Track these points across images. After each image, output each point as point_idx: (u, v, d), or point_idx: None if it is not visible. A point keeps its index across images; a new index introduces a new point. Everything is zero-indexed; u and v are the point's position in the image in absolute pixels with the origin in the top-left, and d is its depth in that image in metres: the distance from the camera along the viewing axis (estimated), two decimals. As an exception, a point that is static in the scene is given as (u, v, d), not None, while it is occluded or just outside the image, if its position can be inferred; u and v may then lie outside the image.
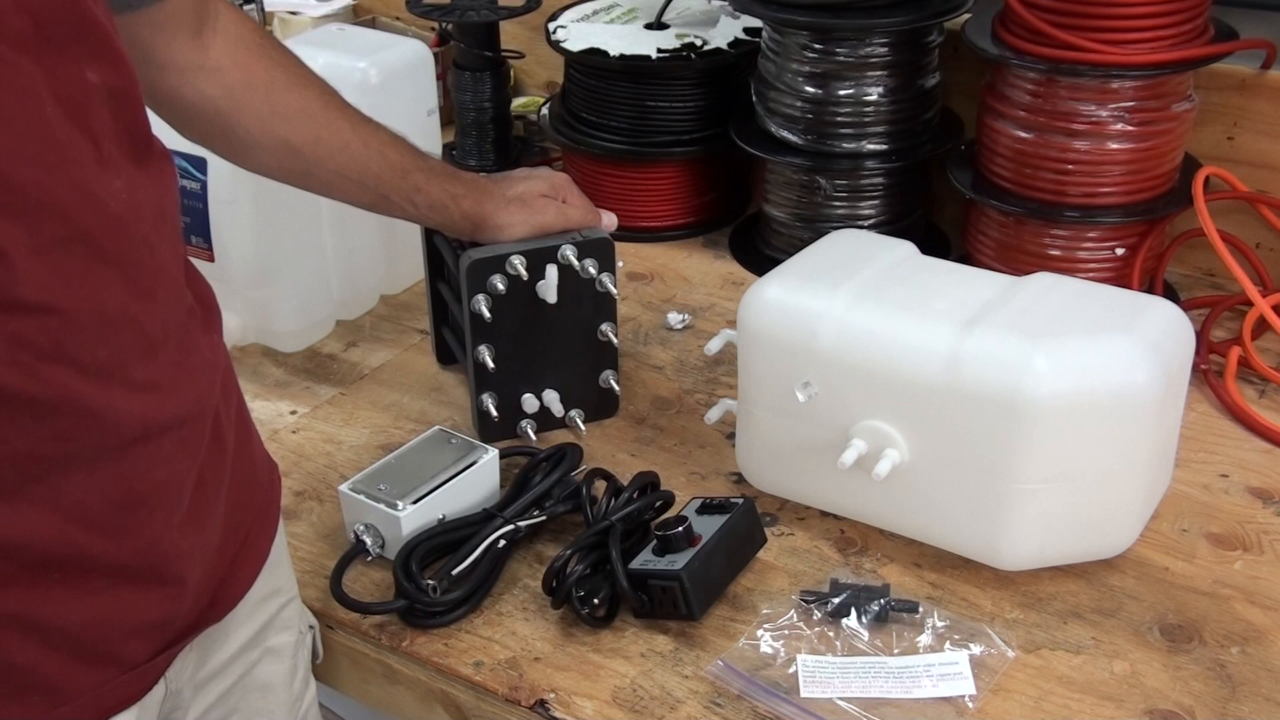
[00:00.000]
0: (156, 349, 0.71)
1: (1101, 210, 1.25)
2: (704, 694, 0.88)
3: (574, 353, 1.14)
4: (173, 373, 0.72)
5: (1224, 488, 1.06)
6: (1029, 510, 0.93)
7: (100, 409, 0.68)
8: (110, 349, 0.68)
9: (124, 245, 0.68)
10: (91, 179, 0.66)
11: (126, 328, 0.69)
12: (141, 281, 0.70)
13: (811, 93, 1.34)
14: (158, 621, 0.75)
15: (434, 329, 1.25)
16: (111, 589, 0.71)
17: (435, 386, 1.23)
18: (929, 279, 1.02)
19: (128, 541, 0.71)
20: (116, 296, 0.68)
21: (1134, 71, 1.18)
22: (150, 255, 0.71)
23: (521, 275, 1.08)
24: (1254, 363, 1.20)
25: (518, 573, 0.99)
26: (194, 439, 0.75)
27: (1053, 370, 0.90)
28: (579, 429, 1.15)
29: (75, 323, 0.65)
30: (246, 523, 0.84)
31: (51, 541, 0.68)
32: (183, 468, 0.74)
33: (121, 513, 0.70)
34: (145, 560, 0.73)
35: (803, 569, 0.99)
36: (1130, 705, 0.87)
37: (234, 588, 0.83)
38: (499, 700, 0.89)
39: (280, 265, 1.24)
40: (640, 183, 1.48)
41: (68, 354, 0.65)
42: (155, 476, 0.71)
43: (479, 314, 1.08)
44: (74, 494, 0.68)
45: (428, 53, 1.36)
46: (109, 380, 0.68)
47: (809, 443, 1.00)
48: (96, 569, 0.70)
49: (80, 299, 0.66)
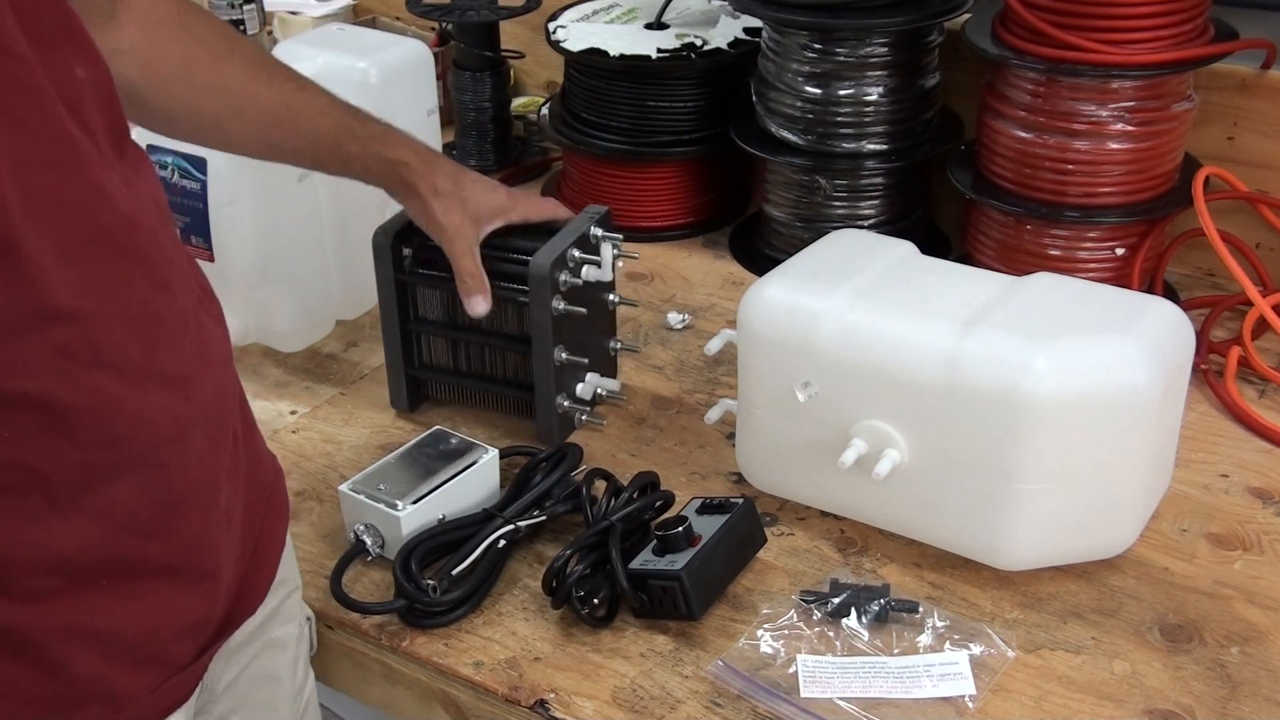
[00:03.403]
0: (179, 342, 0.71)
1: (1101, 210, 1.25)
2: (704, 694, 0.88)
3: (596, 328, 1.15)
4: (197, 365, 0.73)
5: (1224, 488, 1.06)
6: (1029, 510, 0.93)
7: (137, 410, 0.68)
8: (140, 347, 0.68)
9: (137, 240, 0.68)
10: (100, 176, 0.66)
11: (151, 324, 0.69)
12: (157, 275, 0.70)
13: (811, 93, 1.34)
14: (200, 620, 0.76)
15: (402, 375, 1.17)
16: (159, 590, 0.72)
17: (435, 386, 1.23)
18: (929, 279, 1.02)
19: (171, 541, 0.72)
20: (139, 293, 0.68)
21: (1134, 71, 1.18)
22: (159, 248, 0.71)
23: (580, 265, 1.09)
24: (1254, 363, 1.20)
25: (518, 573, 0.99)
26: (220, 434, 0.75)
27: (1053, 370, 0.90)
28: (618, 396, 1.17)
29: (107, 325, 0.66)
30: (261, 515, 0.84)
31: (101, 549, 0.68)
32: (214, 463, 0.74)
33: (164, 514, 0.71)
34: (188, 558, 0.73)
35: (803, 569, 0.99)
36: (1130, 705, 0.87)
37: (258, 581, 0.83)
38: (499, 700, 0.89)
39: (280, 265, 1.24)
40: (640, 183, 1.48)
41: (104, 358, 0.66)
42: (190, 475, 0.72)
43: (561, 315, 1.08)
44: (121, 500, 0.68)
45: (428, 53, 1.36)
46: (143, 380, 0.68)
47: (809, 443, 1.00)
48: (144, 572, 0.71)
49: (108, 300, 0.66)
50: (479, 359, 1.16)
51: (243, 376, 1.23)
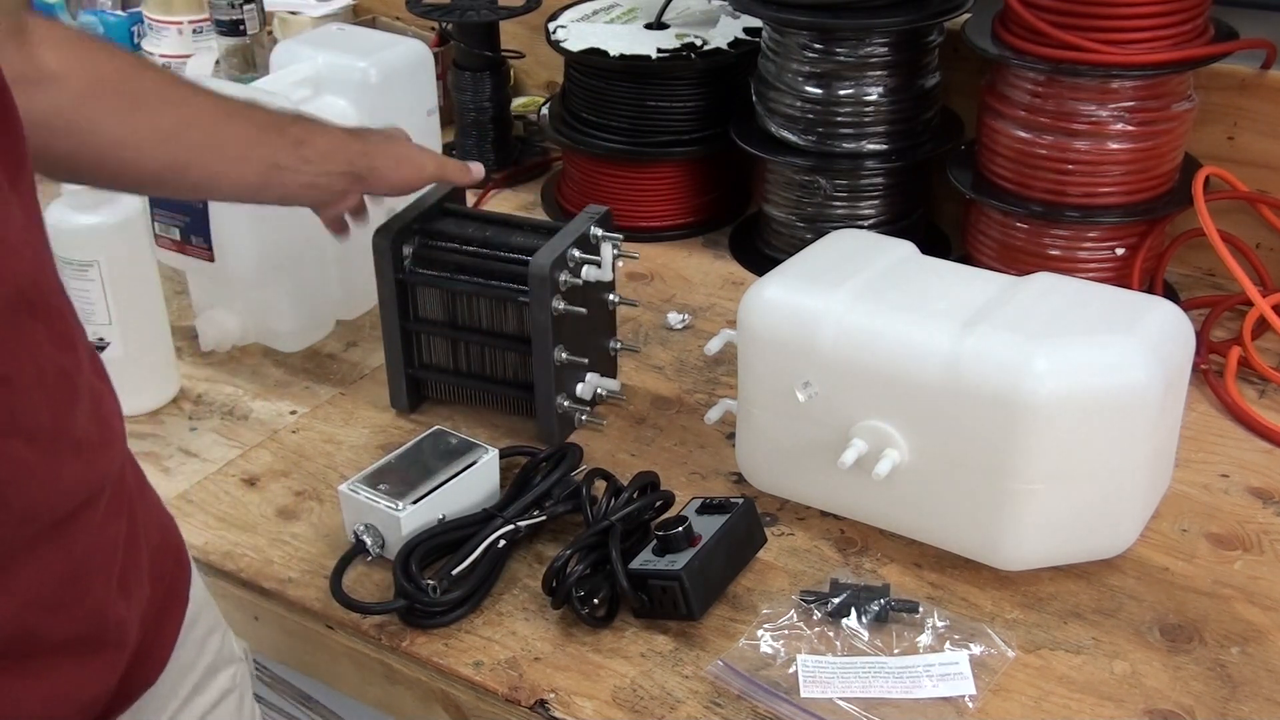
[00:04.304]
0: (80, 403, 0.66)
1: (1101, 210, 1.25)
2: (704, 694, 0.88)
3: (596, 329, 1.14)
4: (96, 428, 0.68)
5: (1224, 488, 1.06)
6: (1029, 510, 0.93)
7: (49, 478, 0.63)
8: (50, 411, 0.63)
9: (43, 292, 0.64)
10: (8, 226, 0.60)
11: (60, 385, 0.64)
12: (63, 330, 0.65)
13: (811, 93, 1.34)
14: (99, 694, 0.71)
15: (402, 375, 1.17)
16: (59, 667, 0.67)
17: (435, 386, 1.23)
18: (929, 279, 1.02)
19: (75, 613, 0.67)
20: (49, 352, 0.63)
21: (1134, 71, 1.18)
22: (62, 298, 0.66)
23: (580, 265, 1.08)
24: (1254, 363, 1.20)
25: (518, 573, 0.99)
26: (120, 497, 0.71)
27: (1053, 370, 0.90)
28: (619, 396, 1.16)
29: (21, 388, 0.61)
30: (169, 570, 0.79)
31: (4, 627, 0.63)
32: (115, 529, 0.70)
33: (68, 586, 0.66)
34: (90, 629, 0.69)
35: (803, 569, 0.99)
36: (1130, 705, 0.87)
37: (163, 639, 0.78)
38: (499, 700, 0.89)
39: (280, 265, 1.24)
40: (640, 183, 1.48)
41: (20, 424, 0.61)
42: (93, 542, 0.68)
43: (561, 315, 1.08)
44: (25, 574, 0.63)
45: (428, 53, 1.36)
46: (54, 445, 0.64)
47: (809, 443, 1.00)
48: (46, 648, 0.66)
49: (22, 361, 0.61)
50: (479, 359, 1.16)
51: (242, 376, 1.25)
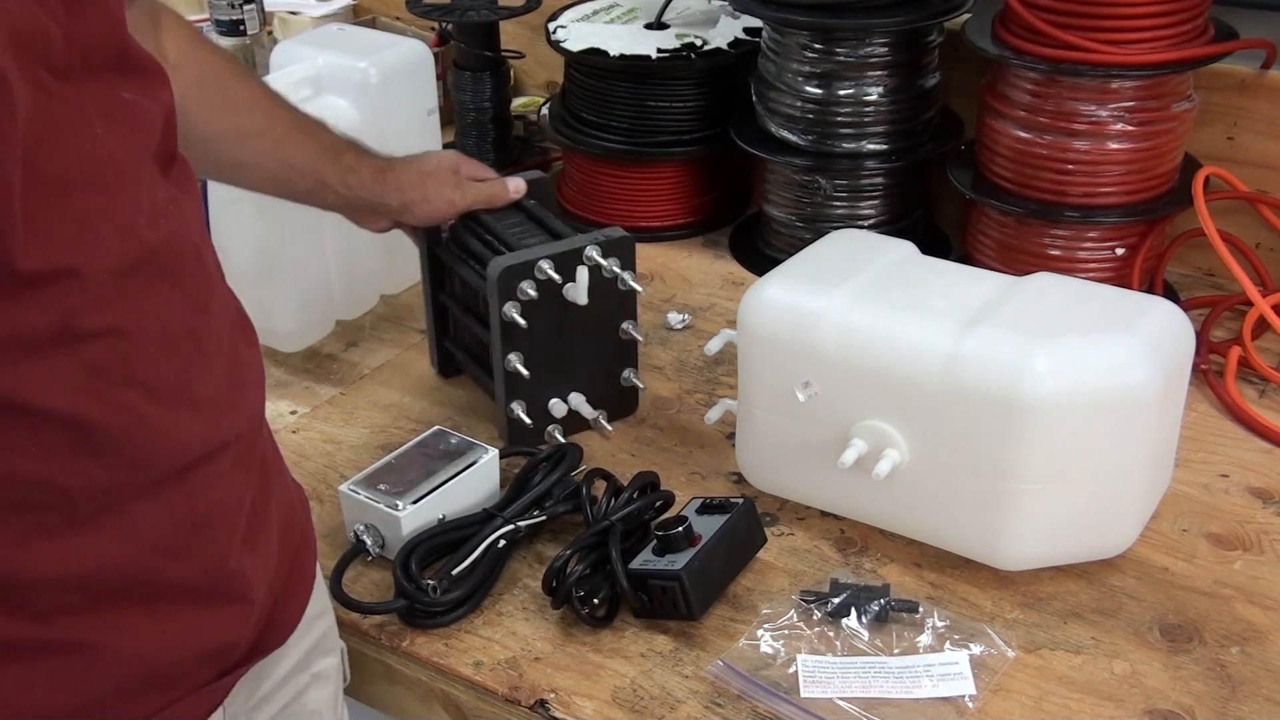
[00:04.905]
0: (212, 365, 0.71)
1: (1101, 210, 1.25)
2: (704, 694, 0.88)
3: (597, 353, 1.13)
4: (227, 389, 0.72)
5: (1224, 488, 1.06)
6: (1029, 510, 0.93)
7: (167, 431, 0.67)
8: (174, 368, 0.67)
9: (180, 260, 0.68)
10: (146, 195, 0.66)
11: (187, 345, 0.68)
12: (197, 296, 0.70)
13: (811, 93, 1.34)
14: (226, 644, 0.74)
15: (435, 341, 1.23)
16: (182, 612, 0.71)
17: (435, 386, 1.23)
18: (929, 279, 1.02)
19: (195, 562, 0.71)
20: (177, 313, 0.68)
21: (1134, 71, 1.18)
22: (201, 268, 0.71)
23: (553, 279, 1.07)
24: (1254, 363, 1.20)
25: (518, 573, 0.99)
26: (247, 457, 0.74)
27: (1053, 370, 0.90)
28: (605, 429, 1.13)
29: (142, 344, 0.65)
30: (295, 546, 0.82)
31: (124, 568, 0.67)
32: (239, 487, 0.74)
33: (188, 534, 0.70)
34: (213, 580, 0.72)
35: (803, 569, 0.99)
36: (1130, 705, 0.87)
37: (290, 610, 0.81)
38: (499, 700, 0.89)
39: (280, 265, 1.24)
40: (640, 183, 1.48)
41: (137, 377, 0.65)
42: (215, 496, 0.71)
43: (511, 321, 1.07)
44: (145, 519, 0.67)
45: (428, 53, 1.36)
46: (174, 400, 0.67)
47: (809, 443, 1.00)
48: (167, 593, 0.70)
49: (146, 319, 0.65)
50: (479, 346, 1.17)
51: (243, 376, 1.25)
